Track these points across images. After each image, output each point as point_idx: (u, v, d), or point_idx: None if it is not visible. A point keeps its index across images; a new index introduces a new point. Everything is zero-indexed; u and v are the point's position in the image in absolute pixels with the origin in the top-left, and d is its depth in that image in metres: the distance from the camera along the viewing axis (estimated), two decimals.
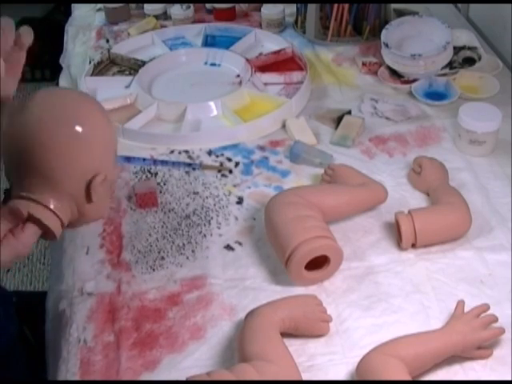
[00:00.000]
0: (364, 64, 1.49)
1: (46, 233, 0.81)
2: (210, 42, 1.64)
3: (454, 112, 1.25)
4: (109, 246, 1.08)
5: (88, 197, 0.82)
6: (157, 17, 1.72)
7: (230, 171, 1.23)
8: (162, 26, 1.70)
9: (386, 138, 1.28)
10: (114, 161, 0.86)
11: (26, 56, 0.87)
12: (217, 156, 1.26)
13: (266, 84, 1.45)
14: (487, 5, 1.61)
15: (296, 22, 1.67)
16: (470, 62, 1.43)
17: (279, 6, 1.66)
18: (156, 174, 1.23)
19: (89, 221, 0.87)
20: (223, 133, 1.31)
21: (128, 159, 1.26)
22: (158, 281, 1.02)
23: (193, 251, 1.07)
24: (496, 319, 0.88)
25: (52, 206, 0.80)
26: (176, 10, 1.70)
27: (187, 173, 1.23)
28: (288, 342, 0.88)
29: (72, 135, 0.80)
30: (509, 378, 0.85)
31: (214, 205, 1.15)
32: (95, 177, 0.81)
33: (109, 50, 1.57)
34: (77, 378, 0.89)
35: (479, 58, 1.43)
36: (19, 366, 1.09)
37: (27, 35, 0.87)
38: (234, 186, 1.19)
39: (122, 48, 1.59)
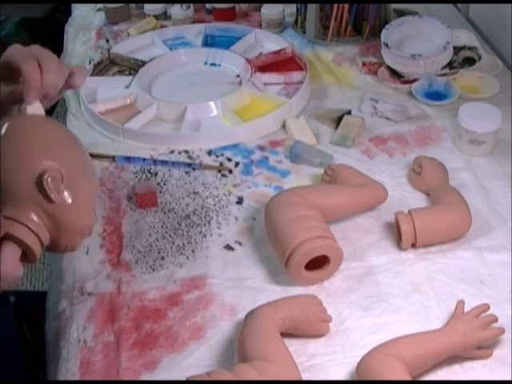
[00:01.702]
0: (364, 64, 1.49)
1: (26, 253, 0.81)
2: (210, 42, 1.64)
3: (454, 112, 1.25)
4: (109, 246, 1.08)
5: (45, 195, 0.80)
6: (157, 17, 1.72)
7: (230, 171, 1.22)
8: (162, 26, 1.70)
9: (386, 137, 1.28)
10: (80, 162, 0.86)
11: None
12: (217, 156, 1.26)
13: (265, 84, 1.45)
14: (487, 5, 1.61)
15: (296, 21, 1.67)
16: (469, 62, 1.43)
17: (279, 6, 1.66)
18: (156, 174, 1.23)
19: (72, 234, 0.85)
20: (223, 133, 1.31)
21: (128, 159, 1.26)
22: (158, 281, 1.02)
23: (193, 251, 1.07)
24: (496, 319, 0.88)
25: (31, 225, 0.80)
26: (176, 10, 1.70)
27: (187, 173, 1.23)
28: (288, 342, 0.88)
29: (5, 138, 0.81)
30: (509, 378, 0.85)
31: (214, 205, 1.15)
32: (43, 173, 0.80)
33: (109, 50, 1.57)
34: (77, 378, 0.89)
35: (479, 58, 1.43)
36: (17, 366, 1.09)
37: (81, 77, 0.90)
38: (234, 186, 1.19)
39: (122, 48, 1.59)
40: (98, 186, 0.95)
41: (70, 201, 0.83)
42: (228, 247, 1.07)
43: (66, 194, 0.82)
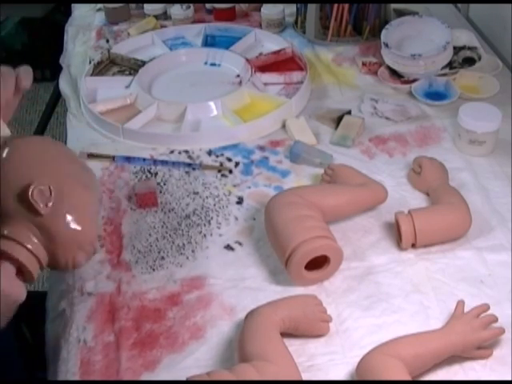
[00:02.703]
0: (364, 64, 1.49)
1: (23, 272, 0.81)
2: (210, 42, 1.64)
3: (454, 112, 1.25)
4: (109, 246, 1.08)
5: (32, 209, 0.81)
6: (157, 17, 1.72)
7: (230, 171, 1.22)
8: (162, 26, 1.70)
9: (386, 137, 1.28)
10: (76, 173, 0.86)
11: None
12: (217, 156, 1.26)
13: (265, 84, 1.45)
14: (487, 5, 1.61)
15: (296, 21, 1.67)
16: (469, 61, 1.43)
17: (279, 6, 1.66)
18: (156, 174, 1.23)
19: (69, 247, 0.86)
20: (223, 133, 1.31)
21: (128, 159, 1.26)
22: (158, 281, 1.02)
23: (193, 251, 1.07)
24: (496, 319, 0.88)
25: (30, 246, 0.81)
26: (176, 10, 1.70)
27: (187, 173, 1.23)
28: (288, 342, 0.88)
29: None
30: (509, 378, 0.85)
31: (214, 205, 1.15)
32: (28, 187, 0.80)
33: (109, 50, 1.57)
34: (77, 378, 0.89)
35: (479, 58, 1.43)
36: (14, 365, 1.09)
37: (27, 78, 0.90)
38: (234, 186, 1.19)
39: (122, 48, 1.59)
40: (100, 198, 0.96)
41: (62, 213, 0.83)
42: (228, 247, 1.07)
43: (56, 206, 0.82)
